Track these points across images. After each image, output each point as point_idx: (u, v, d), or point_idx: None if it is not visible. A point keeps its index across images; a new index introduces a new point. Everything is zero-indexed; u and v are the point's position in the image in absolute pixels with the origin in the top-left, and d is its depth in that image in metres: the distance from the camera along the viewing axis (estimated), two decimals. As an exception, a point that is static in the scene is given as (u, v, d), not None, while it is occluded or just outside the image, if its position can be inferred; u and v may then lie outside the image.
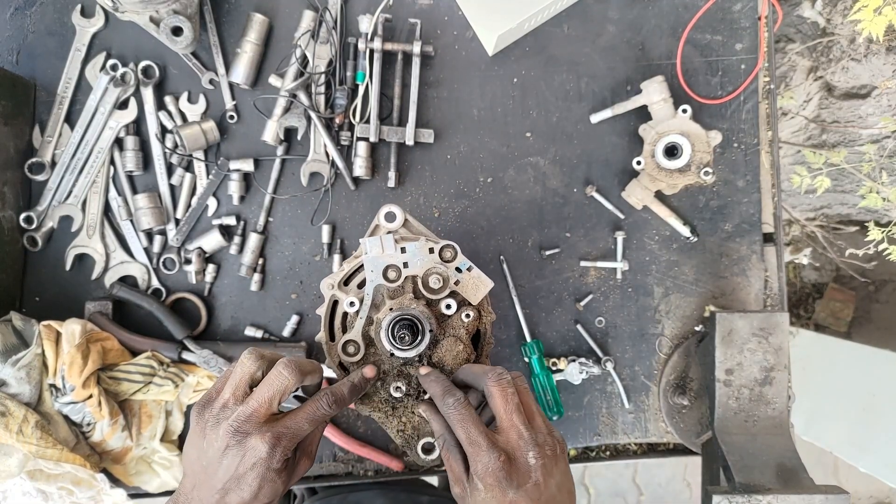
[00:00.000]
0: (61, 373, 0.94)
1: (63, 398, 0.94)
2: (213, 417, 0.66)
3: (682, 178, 1.01)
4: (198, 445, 0.66)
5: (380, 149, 1.09)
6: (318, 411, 0.68)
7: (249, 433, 0.64)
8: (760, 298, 1.09)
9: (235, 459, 0.63)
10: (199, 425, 0.66)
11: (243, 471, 0.63)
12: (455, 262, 0.81)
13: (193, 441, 0.66)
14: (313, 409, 0.68)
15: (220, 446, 0.64)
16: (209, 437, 0.65)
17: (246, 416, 0.64)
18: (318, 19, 1.05)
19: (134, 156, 1.05)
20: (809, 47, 1.68)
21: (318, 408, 0.69)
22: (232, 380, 0.67)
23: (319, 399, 0.70)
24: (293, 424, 0.66)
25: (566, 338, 1.09)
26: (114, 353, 1.00)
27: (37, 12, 1.08)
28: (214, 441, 0.64)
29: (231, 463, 0.63)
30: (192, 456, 0.66)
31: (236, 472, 0.63)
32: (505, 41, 1.07)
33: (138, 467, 1.02)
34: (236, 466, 0.63)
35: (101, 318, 1.02)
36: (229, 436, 0.64)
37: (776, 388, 0.92)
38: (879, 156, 1.62)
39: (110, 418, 0.96)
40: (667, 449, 1.11)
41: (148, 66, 1.06)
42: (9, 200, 1.03)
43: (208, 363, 1.03)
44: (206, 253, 1.07)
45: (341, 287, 0.84)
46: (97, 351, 0.97)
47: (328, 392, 0.71)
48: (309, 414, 0.68)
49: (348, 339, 0.81)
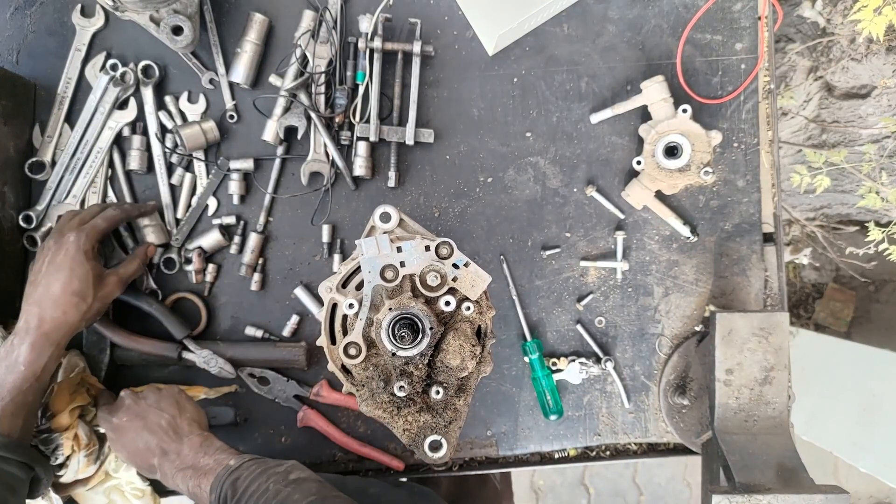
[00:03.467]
0: (44, 400, 0.91)
1: (39, 426, 0.91)
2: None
3: (682, 177, 1.01)
4: (30, 271, 0.91)
5: (380, 148, 1.09)
6: (106, 214, 0.95)
7: (63, 233, 0.90)
8: (760, 298, 1.09)
9: (52, 253, 0.89)
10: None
11: (59, 258, 0.88)
12: (452, 258, 0.81)
13: (28, 276, 0.91)
14: (105, 212, 0.95)
15: (45, 251, 0.90)
16: (37, 260, 0.91)
17: (59, 225, 0.93)
18: (318, 19, 1.05)
19: (139, 155, 1.05)
20: (809, 47, 1.68)
21: (107, 212, 0.95)
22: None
23: (108, 209, 0.97)
24: (92, 222, 0.93)
25: (566, 337, 1.09)
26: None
27: (37, 12, 1.08)
28: (39, 255, 0.91)
29: (50, 257, 0.89)
30: (28, 281, 0.90)
31: (53, 259, 0.88)
32: (505, 41, 1.07)
33: (112, 497, 1.01)
34: (53, 255, 0.89)
35: (100, 319, 1.01)
36: (50, 240, 0.91)
37: (776, 388, 0.92)
38: (879, 156, 1.62)
39: (86, 450, 0.94)
40: (667, 449, 1.11)
41: (148, 65, 1.06)
42: (9, 200, 1.03)
43: (208, 363, 1.03)
44: (207, 252, 1.07)
45: (340, 289, 0.84)
46: (84, 390, 0.97)
47: (111, 205, 0.99)
48: (102, 215, 0.94)
49: (349, 342, 0.81)
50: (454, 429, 0.86)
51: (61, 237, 0.90)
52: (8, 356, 0.84)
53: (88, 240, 0.90)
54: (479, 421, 1.09)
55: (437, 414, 0.85)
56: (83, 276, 0.89)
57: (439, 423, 0.85)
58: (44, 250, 0.91)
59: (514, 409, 1.09)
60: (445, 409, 0.85)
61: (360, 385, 0.86)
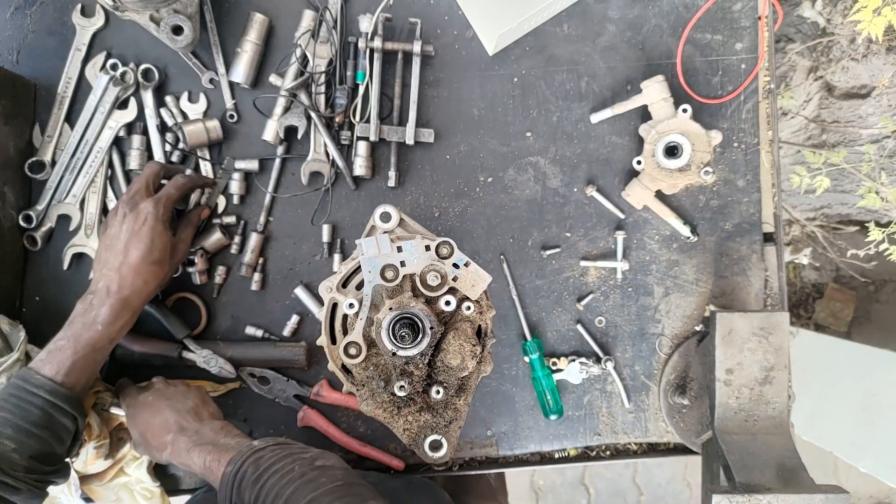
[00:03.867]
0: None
1: None
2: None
3: (683, 177, 1.01)
4: (104, 235, 0.92)
5: (380, 148, 1.09)
6: (177, 182, 0.97)
7: (138, 202, 0.92)
8: (760, 298, 1.09)
9: (131, 222, 0.90)
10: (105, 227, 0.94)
11: (138, 227, 0.90)
12: (452, 258, 0.81)
13: (101, 239, 0.93)
14: (174, 181, 0.97)
15: (120, 218, 0.91)
16: (112, 225, 0.92)
17: (132, 193, 0.93)
18: (319, 19, 1.05)
19: (138, 155, 1.05)
20: (809, 47, 1.68)
21: (176, 180, 0.97)
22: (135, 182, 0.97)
23: (176, 176, 0.99)
24: (164, 191, 0.95)
25: (566, 337, 1.09)
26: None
27: (37, 12, 1.08)
28: (114, 221, 0.92)
29: (129, 226, 0.90)
30: (101, 245, 0.92)
31: (132, 229, 0.90)
32: (505, 40, 1.07)
33: (119, 494, 1.01)
34: (132, 225, 0.90)
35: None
36: (125, 207, 0.92)
37: (776, 388, 0.92)
38: (879, 156, 1.63)
39: (96, 441, 0.95)
40: (667, 449, 1.11)
41: (148, 69, 1.06)
42: (9, 200, 1.03)
43: (208, 363, 1.03)
44: (209, 253, 1.07)
45: (340, 289, 0.84)
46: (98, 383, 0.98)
47: (178, 174, 1.00)
48: (172, 184, 0.97)
49: (350, 342, 0.81)
50: (454, 428, 0.87)
51: (136, 206, 0.92)
52: (86, 314, 0.87)
53: (166, 210, 0.93)
54: (479, 421, 1.09)
55: (437, 414, 0.85)
56: (162, 247, 0.92)
57: (439, 422, 0.85)
58: (118, 217, 0.92)
59: (514, 408, 1.09)
60: (445, 408, 0.85)
61: (360, 385, 0.87)
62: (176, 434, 0.88)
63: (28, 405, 0.81)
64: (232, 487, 0.77)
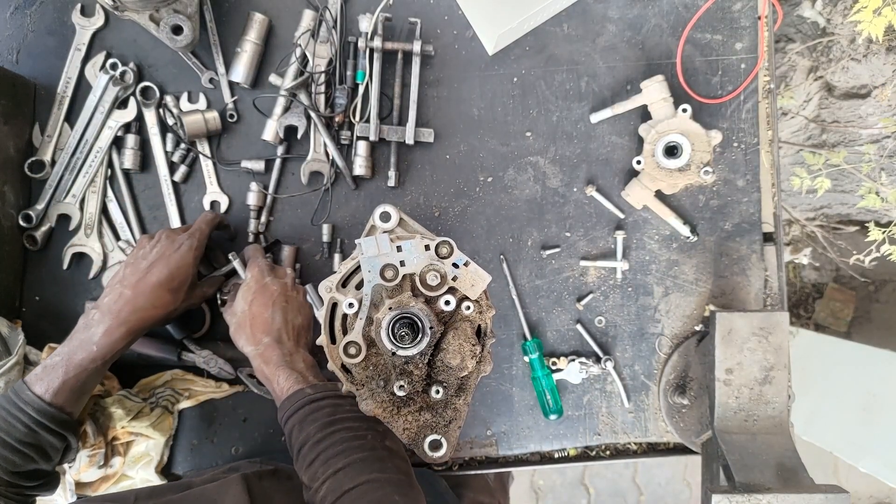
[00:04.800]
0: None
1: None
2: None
3: (682, 177, 1.01)
4: (130, 255, 0.93)
5: (380, 148, 1.09)
6: (206, 217, 0.98)
7: (177, 233, 0.94)
8: (760, 298, 1.09)
9: (164, 246, 0.92)
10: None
11: (170, 252, 0.91)
12: (452, 258, 0.81)
13: (127, 258, 0.94)
14: (202, 216, 0.99)
15: (154, 242, 0.93)
16: (143, 247, 0.93)
17: (171, 229, 0.97)
18: (318, 18, 1.05)
19: (133, 154, 1.05)
20: (809, 47, 1.68)
21: (205, 215, 0.99)
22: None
23: (204, 213, 1.01)
24: (196, 226, 0.96)
25: (566, 337, 1.09)
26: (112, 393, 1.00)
27: (37, 11, 1.08)
28: (146, 243, 0.93)
29: (160, 249, 0.91)
30: (124, 262, 0.92)
31: (163, 252, 0.91)
32: (505, 40, 1.06)
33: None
34: (164, 249, 0.91)
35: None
36: (162, 234, 0.94)
37: (776, 388, 0.92)
38: (879, 156, 1.63)
39: (90, 449, 0.95)
40: (667, 448, 1.11)
41: (147, 87, 1.06)
42: (9, 199, 1.03)
43: (208, 363, 1.02)
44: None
45: (339, 289, 0.84)
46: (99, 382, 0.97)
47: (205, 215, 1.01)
48: (201, 219, 0.98)
49: (349, 341, 0.81)
50: (454, 428, 0.86)
51: (174, 235, 0.94)
52: (85, 330, 0.86)
53: (200, 244, 0.94)
54: (479, 420, 1.09)
55: (436, 413, 0.85)
56: (184, 278, 0.92)
57: (439, 422, 0.85)
58: (153, 241, 0.93)
59: (514, 408, 1.09)
60: (445, 408, 0.85)
61: (359, 384, 0.86)
62: (273, 342, 0.89)
63: (15, 421, 0.80)
64: (298, 410, 0.80)
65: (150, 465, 1.00)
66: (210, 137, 1.07)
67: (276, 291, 0.93)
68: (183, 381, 1.05)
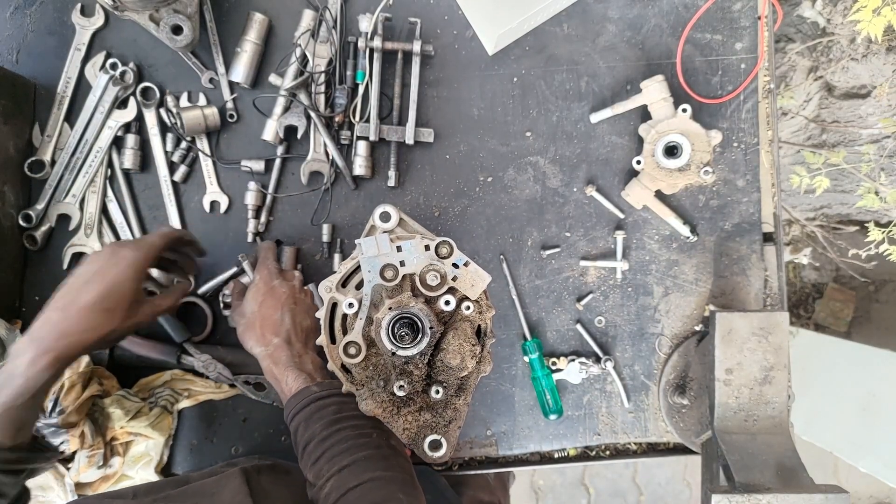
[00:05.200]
0: (54, 395, 0.91)
1: (47, 419, 0.91)
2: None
3: (682, 177, 1.01)
4: (71, 273, 0.82)
5: (380, 148, 1.09)
6: (162, 231, 0.90)
7: (124, 246, 0.84)
8: (760, 298, 1.09)
9: (103, 261, 0.82)
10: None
11: (107, 267, 0.81)
12: (452, 258, 0.81)
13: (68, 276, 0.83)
14: (159, 230, 0.91)
15: (95, 257, 0.83)
16: (83, 263, 0.83)
17: (120, 241, 0.93)
18: (318, 18, 1.05)
19: (133, 154, 1.05)
20: (809, 47, 1.68)
21: (160, 229, 0.92)
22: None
23: (161, 227, 0.97)
24: (147, 237, 0.88)
25: (566, 337, 1.09)
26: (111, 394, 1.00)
27: (37, 11, 1.08)
28: (86, 259, 0.83)
29: (97, 266, 0.81)
30: (63, 282, 0.82)
31: (99, 269, 0.81)
32: (505, 40, 1.06)
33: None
34: (101, 265, 0.82)
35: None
36: (108, 248, 0.84)
37: (776, 388, 0.92)
38: (879, 156, 1.63)
39: (89, 450, 0.94)
40: (667, 448, 1.11)
41: (147, 87, 1.06)
42: (9, 199, 1.03)
43: (207, 368, 1.02)
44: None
45: (339, 289, 0.84)
46: (96, 382, 0.97)
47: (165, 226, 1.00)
48: (156, 232, 0.90)
49: (349, 341, 0.81)
50: (454, 428, 0.86)
51: (119, 248, 0.84)
52: (12, 360, 0.77)
53: (146, 258, 0.84)
54: (478, 420, 1.09)
55: (436, 413, 0.85)
56: (121, 296, 0.81)
57: (439, 422, 0.85)
58: (95, 255, 0.84)
59: (514, 408, 1.09)
60: (445, 408, 0.85)
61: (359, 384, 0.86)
62: (282, 343, 0.89)
63: None
64: (304, 408, 0.80)
65: (150, 464, 1.00)
66: (209, 134, 1.07)
67: (286, 294, 0.93)
68: (182, 381, 1.05)
